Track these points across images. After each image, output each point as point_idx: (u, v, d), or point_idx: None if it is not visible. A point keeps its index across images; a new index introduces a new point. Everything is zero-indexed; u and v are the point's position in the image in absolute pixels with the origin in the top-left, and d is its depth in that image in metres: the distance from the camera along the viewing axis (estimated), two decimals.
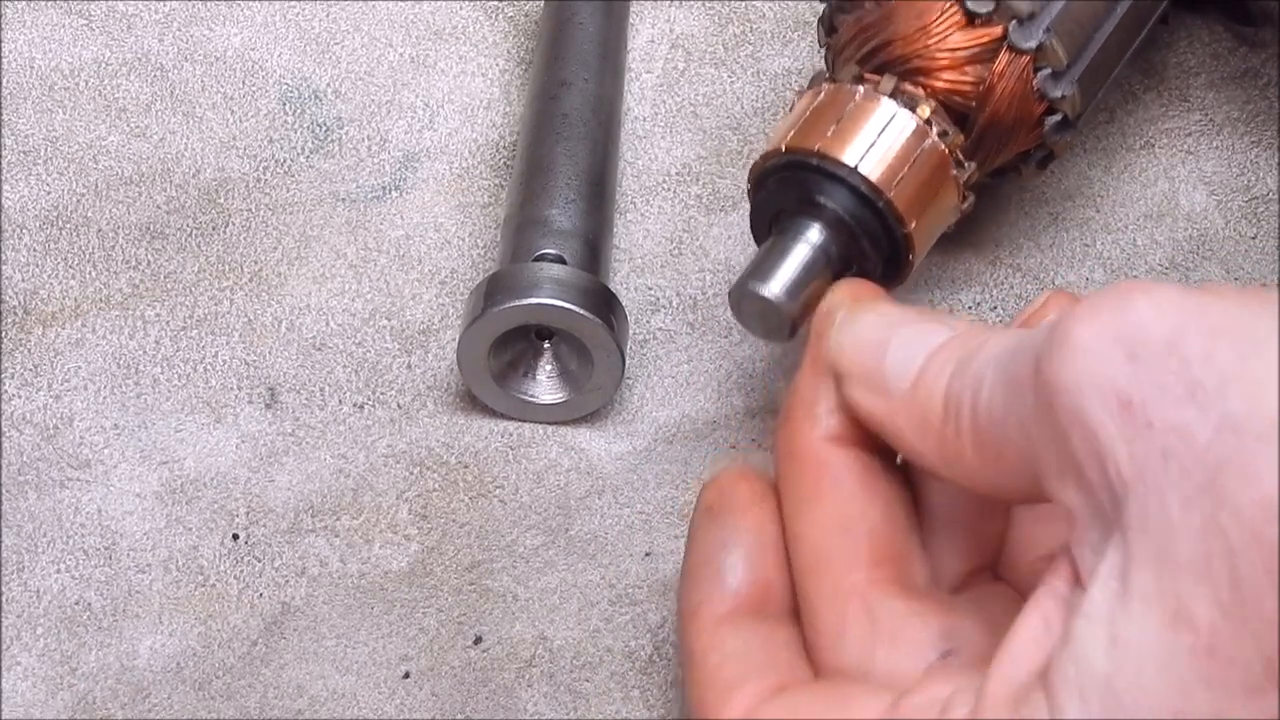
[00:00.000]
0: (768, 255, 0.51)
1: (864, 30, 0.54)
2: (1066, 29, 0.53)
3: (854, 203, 0.51)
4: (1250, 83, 0.63)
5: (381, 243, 0.60)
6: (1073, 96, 0.54)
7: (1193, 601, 0.35)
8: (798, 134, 0.52)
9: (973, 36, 0.53)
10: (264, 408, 0.56)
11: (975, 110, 0.53)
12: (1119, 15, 0.55)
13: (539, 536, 0.53)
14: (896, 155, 0.51)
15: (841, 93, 0.52)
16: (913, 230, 0.51)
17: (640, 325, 0.58)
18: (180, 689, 0.50)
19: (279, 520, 0.53)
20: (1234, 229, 0.60)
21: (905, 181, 0.51)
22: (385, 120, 0.63)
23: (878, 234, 0.51)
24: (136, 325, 0.57)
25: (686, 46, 0.65)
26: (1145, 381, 0.36)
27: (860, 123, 0.51)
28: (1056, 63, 0.53)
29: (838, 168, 0.51)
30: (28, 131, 0.62)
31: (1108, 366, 0.37)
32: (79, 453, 0.55)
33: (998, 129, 0.54)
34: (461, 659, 0.51)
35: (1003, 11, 0.53)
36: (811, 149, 0.51)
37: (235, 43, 0.65)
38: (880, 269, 0.52)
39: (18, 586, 0.52)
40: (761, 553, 0.45)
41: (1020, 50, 0.53)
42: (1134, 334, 0.37)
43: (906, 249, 0.52)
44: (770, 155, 0.52)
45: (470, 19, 0.66)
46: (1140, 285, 0.38)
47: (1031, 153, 0.56)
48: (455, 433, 0.55)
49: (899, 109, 0.52)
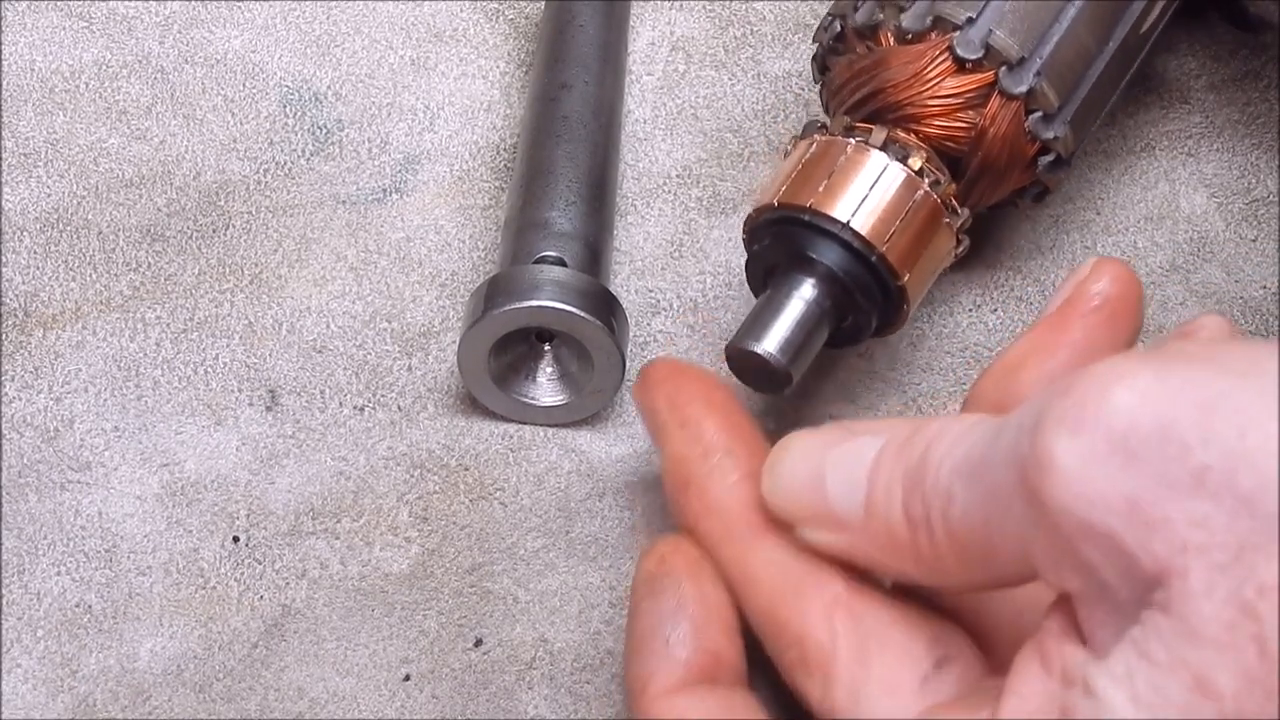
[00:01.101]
0: (762, 312, 0.51)
1: (856, 76, 0.54)
2: (1056, 72, 0.53)
3: (847, 258, 0.51)
4: (1251, 85, 0.63)
5: (382, 245, 0.60)
6: (1065, 137, 0.54)
7: (1216, 672, 0.35)
8: (790, 189, 0.52)
9: (964, 83, 0.53)
10: (264, 410, 0.56)
11: (968, 155, 0.53)
12: (1109, 54, 0.55)
13: (539, 539, 0.53)
14: (888, 209, 0.51)
15: (833, 146, 0.52)
16: (907, 282, 0.51)
17: (641, 328, 0.58)
18: (181, 691, 0.50)
19: (279, 522, 0.53)
20: (1234, 231, 0.60)
21: (898, 234, 0.51)
22: (386, 123, 0.63)
23: (872, 288, 0.51)
24: (137, 327, 0.57)
25: (687, 49, 0.65)
26: (1149, 477, 0.35)
27: (851, 177, 0.52)
28: (1048, 106, 0.53)
29: (830, 224, 0.51)
30: (28, 134, 0.62)
31: (1107, 477, 0.36)
32: (79, 455, 0.55)
33: (991, 172, 0.54)
34: (462, 661, 0.51)
35: (992, 57, 0.53)
36: (804, 205, 0.51)
37: (236, 45, 0.65)
38: (875, 321, 0.52)
39: (18, 589, 0.52)
40: (707, 621, 0.44)
41: (1011, 95, 0.53)
42: (1125, 432, 0.36)
43: (901, 299, 0.52)
44: (763, 209, 0.52)
45: (470, 21, 0.66)
46: (1113, 373, 0.36)
47: (1027, 189, 0.56)
48: (456, 435, 0.55)
49: (890, 162, 0.52)
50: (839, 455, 0.42)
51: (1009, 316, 0.58)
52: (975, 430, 0.39)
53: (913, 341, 0.57)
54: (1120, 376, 0.36)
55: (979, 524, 0.38)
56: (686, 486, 0.47)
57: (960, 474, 0.39)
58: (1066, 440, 0.36)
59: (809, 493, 0.42)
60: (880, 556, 0.41)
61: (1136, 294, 0.48)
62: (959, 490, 0.39)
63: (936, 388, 0.56)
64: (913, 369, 0.57)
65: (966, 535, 0.39)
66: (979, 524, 0.38)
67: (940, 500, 0.39)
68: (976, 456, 0.39)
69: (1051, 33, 0.53)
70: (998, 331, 0.57)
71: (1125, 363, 0.37)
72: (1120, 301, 0.47)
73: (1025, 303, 0.58)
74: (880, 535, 0.41)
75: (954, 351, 0.57)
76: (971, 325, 0.58)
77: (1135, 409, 0.36)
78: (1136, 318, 0.48)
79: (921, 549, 0.40)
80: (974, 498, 0.38)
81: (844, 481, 0.42)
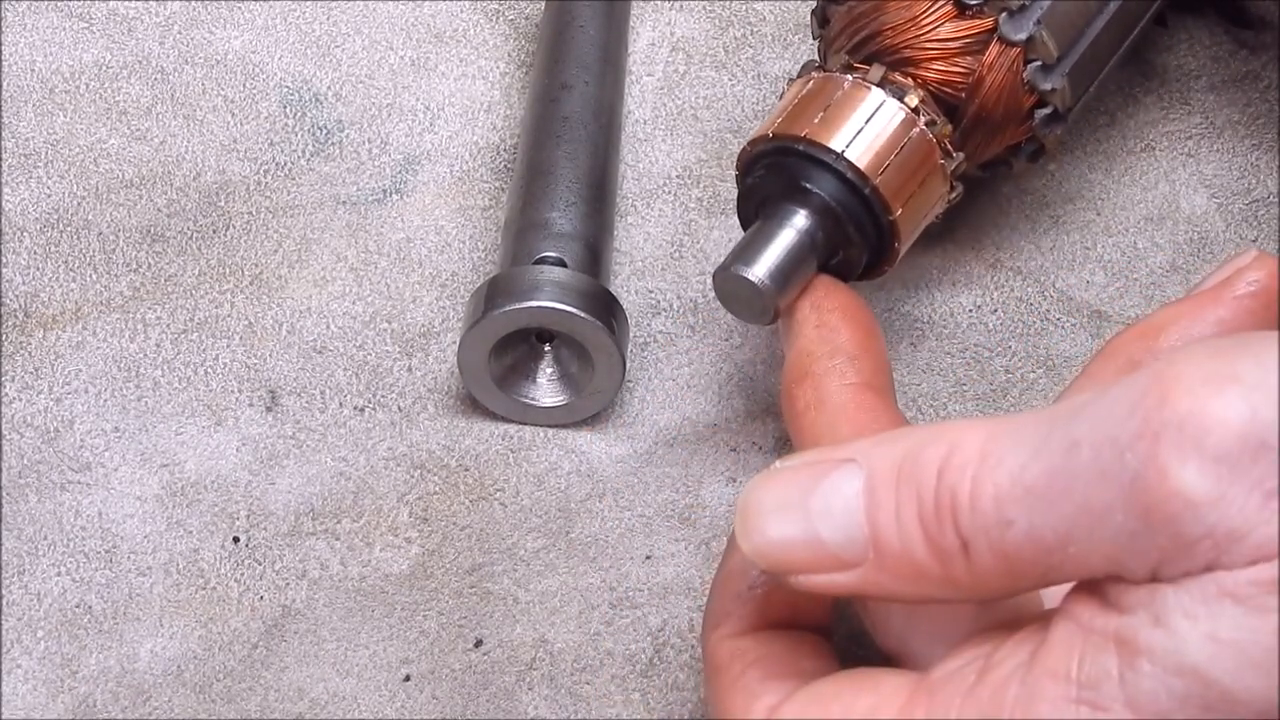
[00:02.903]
0: (753, 239, 0.51)
1: (855, 21, 0.54)
2: (1057, 22, 0.53)
3: (840, 188, 0.51)
4: (1251, 85, 0.63)
5: (382, 246, 0.60)
6: (1063, 89, 0.54)
7: None
8: (785, 120, 0.52)
9: (963, 28, 0.53)
10: (264, 410, 0.56)
11: (964, 102, 0.53)
12: (1110, 11, 0.55)
13: (540, 539, 0.53)
14: (883, 142, 0.51)
15: (830, 81, 0.52)
16: (898, 217, 0.51)
17: (641, 328, 0.58)
18: (181, 692, 0.50)
19: (279, 523, 0.53)
20: (1235, 231, 0.60)
21: (892, 168, 0.51)
22: (386, 123, 0.63)
23: (863, 220, 0.51)
24: (137, 328, 0.57)
25: (687, 49, 0.65)
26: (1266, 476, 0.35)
27: (847, 110, 0.52)
28: (1047, 55, 0.53)
29: (824, 154, 0.51)
30: (28, 134, 0.62)
31: (1231, 487, 0.35)
32: (79, 455, 0.55)
33: (987, 120, 0.54)
34: (462, 662, 0.51)
35: (993, 3, 0.53)
36: (798, 135, 0.51)
37: (236, 46, 0.65)
38: (866, 256, 0.52)
39: (18, 589, 0.52)
40: None
41: (1010, 42, 0.53)
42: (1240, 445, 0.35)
43: (892, 236, 0.52)
44: (758, 141, 0.52)
45: (471, 22, 0.66)
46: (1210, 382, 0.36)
47: (1022, 146, 0.56)
48: (456, 436, 0.55)
49: (886, 97, 0.52)
50: (823, 498, 0.40)
51: (1009, 317, 0.58)
52: (1014, 449, 0.38)
53: (913, 342, 0.57)
54: (1220, 388, 0.36)
55: (1052, 542, 0.37)
56: (804, 378, 0.47)
57: (1019, 500, 0.37)
58: (1186, 466, 0.36)
59: (801, 546, 0.40)
60: (899, 587, 0.39)
61: None
62: (1020, 515, 0.37)
63: (936, 388, 0.56)
64: (913, 369, 0.57)
65: (1029, 554, 0.38)
66: (1052, 542, 0.37)
67: (993, 528, 0.38)
68: (1043, 480, 0.37)
69: None
70: (998, 332, 0.57)
71: (1215, 364, 0.36)
72: (1273, 296, 0.47)
73: (1025, 303, 0.58)
74: (898, 568, 0.39)
75: (954, 352, 0.57)
76: (971, 326, 0.58)
77: (1246, 420, 0.35)
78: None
79: (957, 575, 0.38)
80: (1048, 520, 0.37)
81: (840, 526, 0.39)
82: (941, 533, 0.38)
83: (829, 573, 0.40)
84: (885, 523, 0.39)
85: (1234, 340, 0.37)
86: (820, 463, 0.40)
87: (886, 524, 0.39)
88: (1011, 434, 0.38)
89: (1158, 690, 0.36)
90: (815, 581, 0.40)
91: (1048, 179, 0.60)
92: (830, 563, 0.40)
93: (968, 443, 0.38)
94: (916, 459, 0.39)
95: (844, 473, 0.40)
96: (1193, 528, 0.36)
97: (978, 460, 0.38)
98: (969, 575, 0.38)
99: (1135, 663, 0.36)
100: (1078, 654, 0.37)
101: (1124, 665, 0.36)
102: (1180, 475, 0.35)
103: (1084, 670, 0.37)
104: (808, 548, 0.40)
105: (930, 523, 0.38)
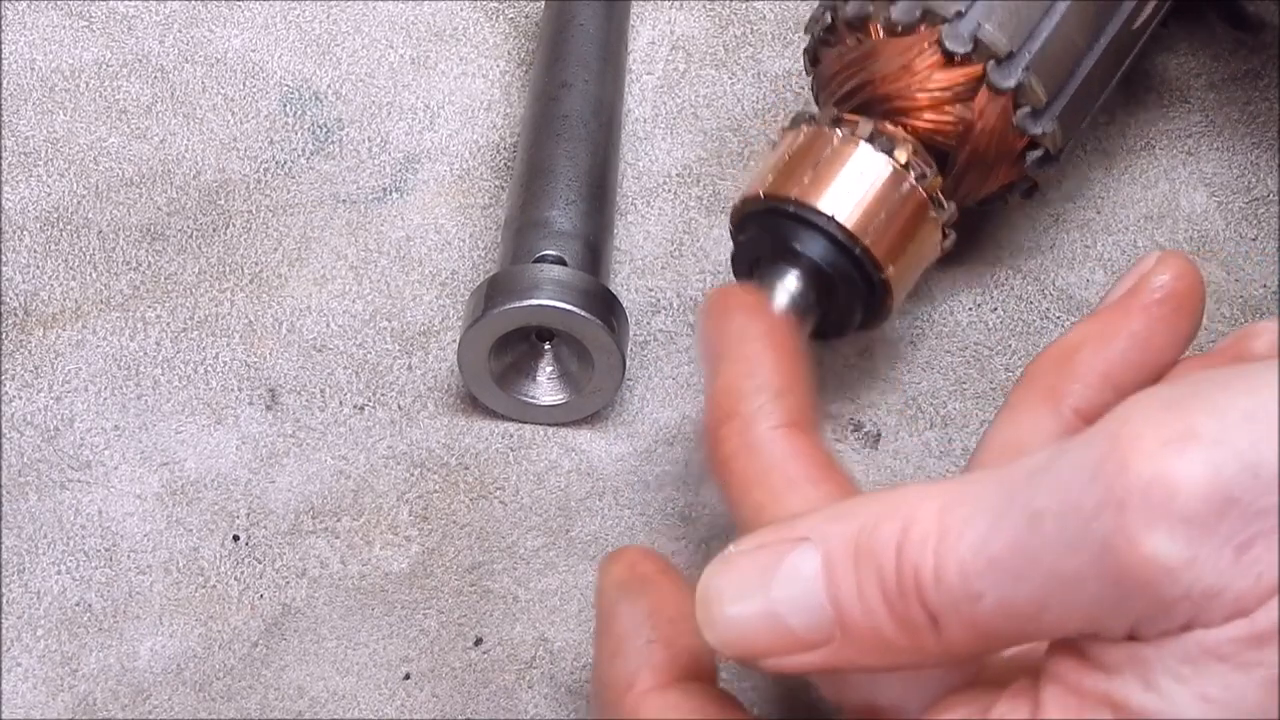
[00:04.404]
0: None
1: (845, 68, 0.54)
2: (1046, 67, 0.53)
3: (831, 250, 0.51)
4: (1251, 84, 0.63)
5: (382, 244, 0.60)
6: (1054, 132, 0.54)
7: None
8: (776, 180, 0.52)
9: (952, 76, 0.53)
10: (264, 409, 0.56)
11: (956, 148, 0.53)
12: (1099, 51, 0.55)
13: (540, 538, 0.53)
14: (873, 201, 0.51)
15: (820, 137, 0.52)
16: (891, 275, 0.51)
17: (641, 327, 0.58)
18: (181, 690, 0.50)
19: (279, 521, 0.53)
20: (1235, 230, 0.60)
21: (882, 227, 0.51)
22: (386, 122, 0.63)
23: (855, 280, 0.51)
24: (137, 327, 0.57)
25: (687, 48, 0.65)
26: (1236, 532, 0.35)
27: (837, 168, 0.52)
28: (1036, 101, 0.53)
29: (814, 215, 0.51)
30: (28, 133, 0.62)
31: (1204, 550, 0.35)
32: (79, 454, 0.55)
33: (979, 166, 0.54)
34: (462, 660, 0.51)
35: (981, 51, 0.53)
36: (788, 196, 0.51)
37: (236, 44, 0.65)
38: (860, 315, 0.52)
39: (18, 588, 0.52)
40: (685, 620, 0.43)
41: (999, 90, 0.53)
42: (1205, 507, 0.35)
43: (885, 293, 0.52)
44: (749, 200, 0.52)
45: (471, 20, 0.66)
46: (1169, 445, 0.35)
47: (1016, 184, 0.56)
48: (456, 434, 0.55)
49: (876, 154, 0.52)
50: (782, 583, 0.39)
51: (1009, 316, 0.58)
52: (973, 520, 0.37)
53: (913, 341, 0.57)
54: (1180, 449, 0.35)
55: (1025, 611, 0.37)
56: (729, 419, 0.45)
57: (984, 573, 0.37)
58: (1156, 533, 0.35)
59: (766, 632, 0.39)
60: (869, 661, 0.39)
61: (1199, 290, 0.47)
62: (988, 588, 0.37)
63: (936, 387, 0.56)
64: (913, 368, 0.57)
65: (1001, 624, 0.37)
66: (1025, 611, 0.37)
67: (962, 602, 0.37)
68: (1007, 553, 0.37)
69: (1041, 28, 0.53)
70: (998, 331, 0.57)
71: (1171, 421, 0.36)
72: (1183, 297, 0.47)
73: (1025, 302, 0.58)
74: (866, 644, 0.39)
75: (954, 351, 0.57)
76: (971, 325, 0.58)
77: (1210, 479, 0.35)
78: (1197, 314, 0.47)
79: (927, 646, 0.38)
80: (1019, 591, 0.37)
81: (802, 610, 0.39)
82: (907, 609, 0.38)
83: (797, 654, 0.39)
84: (848, 602, 0.38)
85: (1186, 389, 0.37)
86: (775, 544, 0.40)
87: (849, 603, 0.38)
88: (967, 503, 0.37)
89: None
90: (785, 663, 0.40)
91: (1047, 177, 0.60)
92: (797, 645, 0.39)
93: (923, 515, 0.38)
94: (872, 535, 0.38)
95: (800, 554, 0.39)
96: (1169, 590, 0.35)
97: (937, 535, 0.37)
98: (939, 645, 0.38)
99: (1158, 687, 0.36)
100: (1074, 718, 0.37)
101: None
102: (1151, 542, 0.35)
103: None
104: (773, 633, 0.39)
105: (894, 600, 0.38)
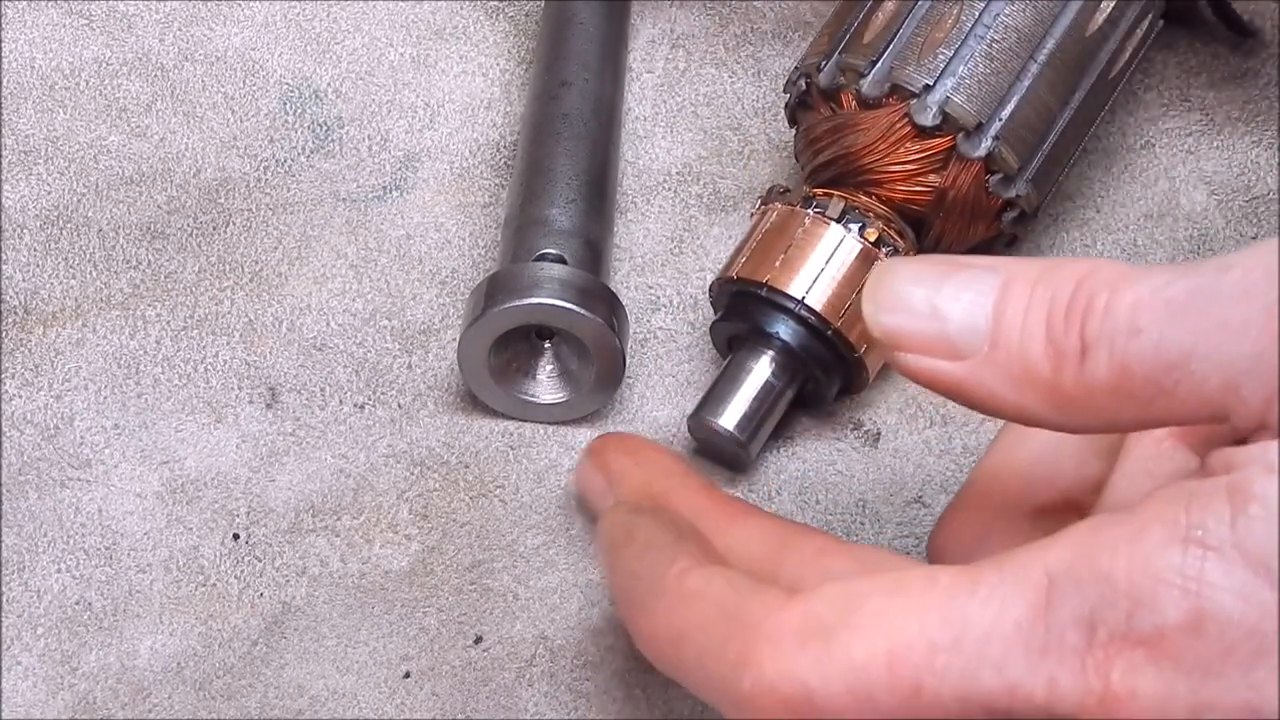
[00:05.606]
0: (719, 386, 0.53)
1: (817, 140, 0.55)
2: (1016, 134, 0.54)
3: (803, 334, 0.52)
4: (1250, 82, 0.63)
5: (382, 243, 0.60)
6: (1028, 194, 0.55)
7: None
8: (749, 263, 0.53)
9: (924, 148, 0.54)
10: (264, 408, 0.56)
11: (930, 215, 0.54)
12: (1074, 108, 0.55)
13: (539, 536, 0.53)
14: (843, 283, 0.52)
15: (792, 217, 0.53)
16: (864, 353, 0.52)
17: (641, 325, 0.58)
18: (181, 689, 0.50)
19: (279, 520, 0.53)
20: (1234, 229, 0.60)
21: (854, 308, 0.52)
22: (386, 120, 0.63)
23: (828, 361, 0.53)
24: (137, 325, 0.57)
25: (687, 46, 0.65)
26: None
27: (808, 251, 0.53)
28: (1007, 168, 0.54)
29: (786, 299, 0.52)
30: (28, 131, 0.62)
31: None
32: (79, 452, 0.55)
33: (954, 229, 0.55)
34: (462, 659, 0.51)
35: (950, 123, 0.53)
36: (760, 280, 0.52)
37: (236, 42, 0.65)
38: (834, 390, 0.53)
39: (18, 586, 0.52)
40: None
41: (969, 159, 0.53)
42: None
43: (859, 370, 0.53)
44: (724, 281, 0.54)
45: (471, 19, 0.66)
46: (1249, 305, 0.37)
47: (996, 238, 0.56)
48: (456, 433, 0.55)
49: (846, 235, 0.53)
50: (958, 282, 0.40)
51: None
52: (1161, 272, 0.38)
53: None
54: None
55: (1175, 357, 0.38)
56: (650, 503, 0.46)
57: (1155, 310, 0.38)
58: None
59: (923, 319, 0.40)
60: (1002, 390, 0.40)
61: None
62: (1152, 325, 0.38)
63: None
64: None
65: (1148, 369, 0.38)
66: (1175, 357, 0.38)
67: (1120, 335, 0.38)
68: (1185, 294, 0.38)
69: (1010, 95, 0.54)
70: None
71: None
72: None
73: None
74: (1008, 368, 0.39)
75: None
76: None
77: None
78: None
79: (1064, 384, 0.39)
80: (1179, 333, 0.37)
81: (965, 310, 0.40)
82: (1065, 333, 0.39)
83: (940, 358, 0.40)
84: (1011, 317, 0.39)
85: None
86: (963, 262, 0.41)
87: (1012, 318, 0.39)
88: (1157, 266, 0.39)
89: (1268, 534, 0.36)
90: (922, 364, 0.41)
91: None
92: (944, 348, 0.40)
93: (1112, 265, 0.39)
94: (1058, 269, 0.40)
95: (984, 272, 0.40)
96: None
97: (1119, 276, 0.39)
98: (1077, 386, 0.39)
99: (1247, 507, 0.36)
100: (1184, 503, 0.37)
101: (1235, 510, 0.36)
102: None
103: (1192, 515, 0.37)
104: (929, 325, 0.40)
105: (1057, 322, 0.39)
